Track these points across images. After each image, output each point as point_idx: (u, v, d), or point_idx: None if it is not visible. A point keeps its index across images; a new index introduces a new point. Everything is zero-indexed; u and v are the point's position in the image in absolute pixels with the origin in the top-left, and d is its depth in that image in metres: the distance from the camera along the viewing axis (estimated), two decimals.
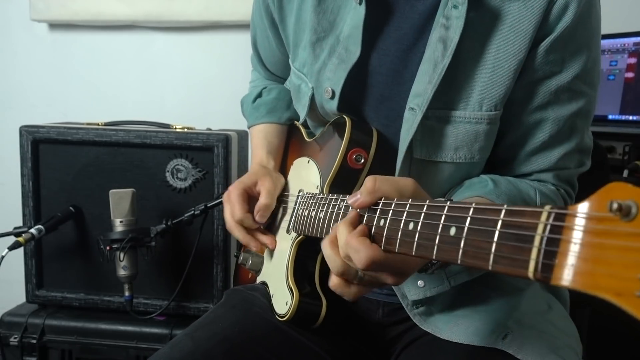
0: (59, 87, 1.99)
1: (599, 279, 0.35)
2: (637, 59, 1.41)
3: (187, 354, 0.77)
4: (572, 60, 0.76)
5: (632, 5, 1.69)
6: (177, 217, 1.33)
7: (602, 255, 0.35)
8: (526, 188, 0.78)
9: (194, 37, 1.93)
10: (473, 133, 0.77)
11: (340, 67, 0.83)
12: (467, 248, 0.48)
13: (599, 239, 0.36)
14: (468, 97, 0.76)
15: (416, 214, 0.54)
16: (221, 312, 0.88)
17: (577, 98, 0.78)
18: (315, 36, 0.86)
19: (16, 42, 1.99)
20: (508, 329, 0.74)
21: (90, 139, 1.40)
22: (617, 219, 0.34)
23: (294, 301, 0.80)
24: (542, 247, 0.40)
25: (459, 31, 0.73)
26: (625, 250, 0.34)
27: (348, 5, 0.83)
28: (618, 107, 1.44)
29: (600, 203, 0.36)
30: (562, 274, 0.37)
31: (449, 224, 0.50)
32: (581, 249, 0.37)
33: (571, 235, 0.38)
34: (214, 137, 1.38)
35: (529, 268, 0.40)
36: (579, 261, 0.37)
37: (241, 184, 0.93)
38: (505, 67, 0.75)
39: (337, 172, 0.81)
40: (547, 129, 0.78)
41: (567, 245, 0.38)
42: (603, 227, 0.36)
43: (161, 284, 1.43)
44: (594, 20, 0.77)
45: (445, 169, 0.79)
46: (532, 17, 0.73)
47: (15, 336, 1.39)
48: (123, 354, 1.38)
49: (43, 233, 1.34)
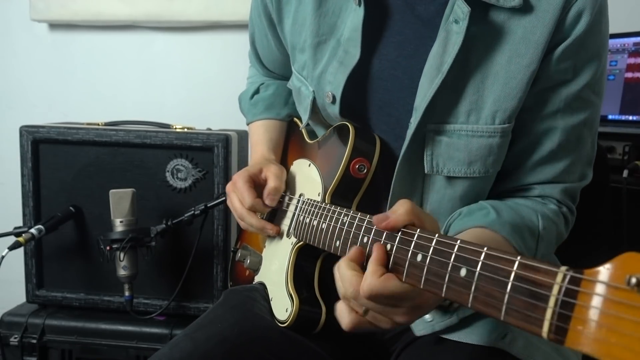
0: (59, 87, 1.99)
1: (613, 349, 0.36)
2: (637, 59, 1.41)
3: (186, 354, 0.77)
4: (584, 69, 0.75)
5: (632, 5, 1.68)
6: (177, 217, 1.33)
7: (618, 326, 0.36)
8: (528, 214, 0.76)
9: (194, 37, 1.93)
10: (487, 147, 0.76)
11: (341, 71, 0.82)
12: (477, 294, 0.48)
13: (615, 311, 0.36)
14: (479, 111, 0.75)
15: (425, 247, 0.55)
16: (220, 312, 0.88)
17: (585, 107, 0.77)
18: (317, 39, 0.85)
19: (16, 42, 1.99)
20: (508, 328, 0.74)
21: (91, 139, 1.40)
22: (634, 292, 0.35)
23: (294, 308, 0.80)
24: (557, 309, 0.40)
25: (457, 47, 0.72)
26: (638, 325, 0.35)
27: (349, 7, 0.82)
28: (618, 107, 1.44)
29: (618, 274, 0.37)
30: (576, 339, 0.38)
31: (459, 264, 0.50)
32: (597, 316, 0.37)
33: (587, 301, 0.38)
34: (214, 137, 1.38)
35: (544, 328, 0.41)
36: (594, 328, 0.37)
37: (246, 172, 0.91)
38: (517, 79, 0.74)
39: (340, 181, 0.81)
40: (556, 138, 0.77)
41: (583, 311, 0.38)
42: (619, 300, 0.36)
43: (161, 284, 1.43)
44: (605, 29, 0.77)
45: (458, 184, 0.78)
46: (543, 28, 0.72)
47: (16, 336, 1.39)
48: (123, 354, 1.38)
49: (43, 233, 1.34)
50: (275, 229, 0.90)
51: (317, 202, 0.82)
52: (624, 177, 1.26)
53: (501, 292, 0.45)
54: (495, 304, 0.46)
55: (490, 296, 0.46)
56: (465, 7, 0.71)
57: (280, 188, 0.90)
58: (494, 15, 0.74)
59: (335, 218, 0.73)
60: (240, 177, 0.90)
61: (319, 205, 0.80)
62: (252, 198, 0.88)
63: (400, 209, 0.59)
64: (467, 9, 0.71)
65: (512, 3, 0.72)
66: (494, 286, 0.46)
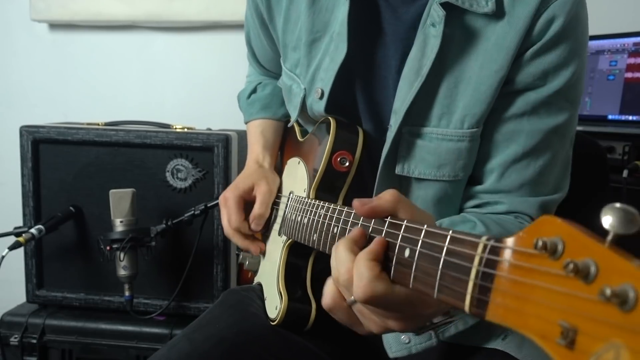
0: (59, 87, 1.99)
1: (527, 319, 0.34)
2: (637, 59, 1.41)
3: (184, 355, 0.77)
4: (555, 75, 0.74)
5: (632, 5, 1.69)
6: (177, 217, 1.33)
7: (531, 295, 0.34)
8: (515, 228, 0.75)
9: (194, 37, 1.93)
10: (455, 150, 0.76)
11: (331, 67, 0.82)
12: (417, 273, 0.46)
13: (527, 278, 0.35)
14: (451, 115, 0.75)
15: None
16: (218, 312, 0.88)
17: (556, 114, 0.76)
18: (311, 37, 0.85)
19: (16, 42, 1.99)
20: (508, 330, 0.74)
21: (91, 139, 1.40)
22: (545, 257, 0.33)
23: (282, 306, 0.80)
24: (478, 282, 0.39)
25: (436, 50, 0.72)
26: (549, 292, 0.33)
27: (339, 2, 0.82)
28: (618, 107, 1.44)
29: (528, 239, 0.35)
30: (496, 312, 0.37)
31: (405, 244, 0.49)
32: (512, 286, 0.36)
33: (504, 271, 0.37)
34: (214, 137, 1.38)
35: (465, 301, 0.40)
36: (510, 299, 0.36)
37: (237, 190, 0.93)
38: (487, 84, 0.74)
39: (323, 176, 0.80)
40: (522, 141, 0.76)
41: (501, 282, 0.37)
42: (531, 265, 0.34)
43: (161, 284, 1.43)
44: (581, 36, 0.75)
45: (429, 187, 0.78)
46: (514, 33, 0.72)
47: (16, 336, 1.39)
48: (123, 354, 1.38)
49: (43, 233, 1.34)
50: (260, 249, 0.94)
51: (303, 198, 0.82)
52: (623, 177, 1.26)
53: (434, 268, 0.44)
54: (430, 282, 0.44)
55: (427, 274, 0.45)
56: (441, 10, 0.72)
57: (265, 214, 0.92)
58: (468, 20, 0.74)
59: (315, 212, 0.73)
60: (231, 196, 0.92)
61: (304, 201, 0.80)
62: (239, 221, 0.91)
63: (386, 195, 0.55)
64: (443, 13, 0.71)
65: (485, 9, 0.72)
66: (429, 263, 0.45)
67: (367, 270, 0.50)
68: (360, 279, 0.50)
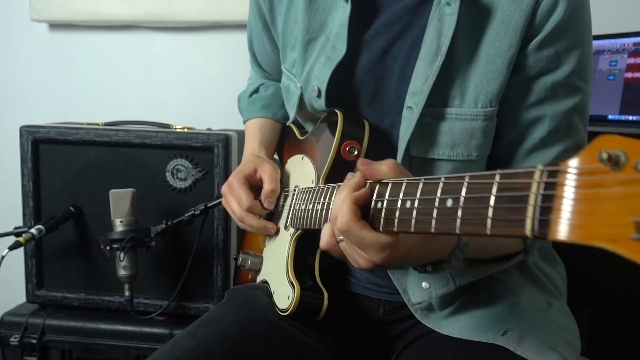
0: (59, 87, 1.99)
1: (594, 229, 0.36)
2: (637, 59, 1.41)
3: (188, 351, 0.77)
4: (568, 56, 0.76)
5: (632, 5, 1.69)
6: (177, 217, 1.33)
7: (596, 206, 0.36)
8: None
9: (194, 37, 1.93)
10: (469, 130, 0.77)
11: (327, 66, 0.83)
12: (465, 217, 0.49)
13: (592, 190, 0.37)
14: (463, 94, 0.77)
15: (412, 192, 0.56)
16: (223, 311, 0.89)
17: (573, 93, 0.78)
18: (307, 37, 0.86)
19: (16, 42, 1.99)
20: (508, 325, 0.75)
21: (91, 139, 1.40)
22: (607, 169, 0.35)
23: (295, 294, 0.80)
24: (538, 205, 0.41)
25: (452, 28, 0.74)
26: (616, 197, 0.35)
27: (337, 4, 0.83)
28: (618, 107, 1.44)
29: (590, 155, 0.37)
30: (558, 229, 0.39)
31: (446, 196, 0.51)
32: (575, 203, 0.38)
33: (564, 190, 0.39)
34: (214, 137, 1.38)
35: (526, 226, 0.41)
36: (573, 214, 0.38)
37: (240, 173, 0.93)
38: (497, 63, 0.75)
39: (332, 165, 0.82)
40: (546, 125, 0.78)
41: (562, 201, 0.39)
42: (594, 178, 0.37)
43: (161, 284, 1.43)
44: (586, 15, 0.78)
45: (442, 166, 0.79)
46: (521, 12, 0.73)
47: (16, 336, 1.39)
48: (123, 354, 1.38)
49: (43, 233, 1.34)
50: (276, 227, 0.92)
51: (312, 187, 0.83)
52: None
53: (485, 207, 0.46)
54: (480, 222, 0.46)
55: (476, 215, 0.47)
56: None
57: (277, 190, 0.92)
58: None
59: (328, 195, 0.75)
60: (235, 179, 0.91)
61: (313, 189, 0.81)
62: (249, 200, 0.89)
63: (386, 163, 0.63)
64: None
65: None
66: (478, 205, 0.47)
67: (347, 210, 0.60)
68: (341, 217, 0.61)
